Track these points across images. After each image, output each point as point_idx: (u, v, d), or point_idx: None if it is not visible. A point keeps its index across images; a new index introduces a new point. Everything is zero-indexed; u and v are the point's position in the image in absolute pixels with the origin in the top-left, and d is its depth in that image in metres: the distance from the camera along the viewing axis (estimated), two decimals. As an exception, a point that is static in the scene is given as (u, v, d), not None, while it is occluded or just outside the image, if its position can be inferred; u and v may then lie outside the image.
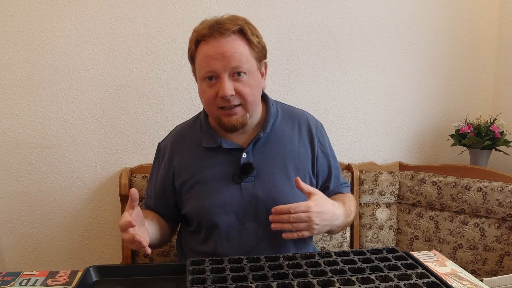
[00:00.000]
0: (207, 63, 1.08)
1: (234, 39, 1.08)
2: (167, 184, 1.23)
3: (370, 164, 1.91)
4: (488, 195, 1.68)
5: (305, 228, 1.02)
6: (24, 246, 1.79)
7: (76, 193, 1.79)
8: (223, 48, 1.07)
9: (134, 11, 1.71)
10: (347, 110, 1.94)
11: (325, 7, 1.84)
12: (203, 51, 1.09)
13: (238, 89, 1.09)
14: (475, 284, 1.03)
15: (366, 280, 0.89)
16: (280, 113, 1.25)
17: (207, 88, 1.11)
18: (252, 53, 1.11)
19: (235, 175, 1.16)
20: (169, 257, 1.68)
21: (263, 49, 1.15)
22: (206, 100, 1.12)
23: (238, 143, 1.19)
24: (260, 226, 1.16)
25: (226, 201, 1.15)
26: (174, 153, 1.23)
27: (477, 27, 1.96)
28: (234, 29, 1.09)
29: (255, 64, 1.13)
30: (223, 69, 1.07)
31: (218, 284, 0.88)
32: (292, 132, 1.24)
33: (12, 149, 1.72)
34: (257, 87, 1.14)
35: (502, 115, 1.91)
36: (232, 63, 1.07)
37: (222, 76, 1.08)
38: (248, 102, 1.11)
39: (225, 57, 1.06)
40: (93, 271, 1.03)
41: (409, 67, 1.95)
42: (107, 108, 1.75)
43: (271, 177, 1.17)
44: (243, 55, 1.08)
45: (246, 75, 1.10)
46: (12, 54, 1.66)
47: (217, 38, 1.07)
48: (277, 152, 1.20)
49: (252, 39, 1.11)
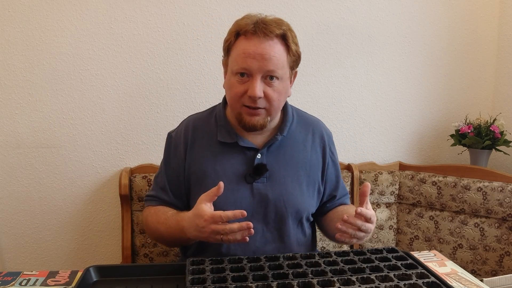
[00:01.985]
0: (244, 60, 1.07)
1: (276, 43, 1.08)
2: (180, 175, 1.21)
3: (370, 164, 1.91)
4: (488, 195, 1.68)
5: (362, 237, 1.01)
6: (24, 246, 1.79)
7: (76, 193, 1.79)
8: (264, 50, 1.06)
9: (134, 11, 1.71)
10: (347, 110, 1.94)
11: (325, 7, 1.84)
12: (243, 46, 1.08)
13: (267, 93, 1.09)
14: (475, 284, 1.03)
15: (366, 280, 0.89)
16: (296, 118, 1.25)
17: (236, 84, 1.10)
18: (289, 61, 1.12)
19: (248, 174, 1.16)
20: (169, 257, 1.68)
21: (298, 58, 1.16)
22: (233, 95, 1.11)
23: (254, 143, 1.18)
24: (268, 228, 1.16)
25: (236, 200, 1.15)
26: (187, 143, 1.21)
27: (477, 27, 1.96)
28: (278, 33, 1.08)
29: (288, 72, 1.13)
30: (258, 70, 1.07)
31: (218, 284, 0.88)
32: (306, 139, 1.24)
33: (12, 149, 1.72)
34: (284, 94, 1.14)
35: (502, 115, 1.91)
36: (268, 67, 1.07)
37: (255, 76, 1.08)
38: (273, 108, 1.12)
39: (263, 59, 1.06)
40: (93, 271, 1.02)
41: (409, 67, 1.95)
42: (107, 108, 1.75)
43: (283, 181, 1.17)
44: (280, 61, 1.09)
45: (278, 81, 1.10)
46: (12, 54, 1.66)
47: (260, 38, 1.07)
48: (291, 157, 1.20)
49: (291, 46, 1.11)
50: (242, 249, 1.15)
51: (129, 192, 1.67)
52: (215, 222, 0.96)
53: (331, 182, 1.28)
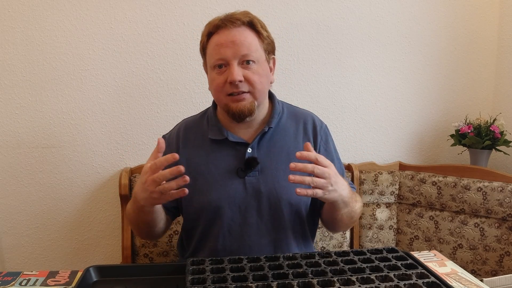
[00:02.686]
0: (218, 51, 1.11)
1: (244, 30, 1.13)
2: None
3: (370, 164, 1.91)
4: (488, 195, 1.68)
5: (322, 185, 0.99)
6: (24, 246, 1.79)
7: (76, 193, 1.79)
8: (234, 37, 1.11)
9: (134, 11, 1.71)
10: (347, 110, 1.94)
11: (325, 7, 1.84)
12: (214, 41, 1.13)
13: (247, 76, 1.11)
14: (475, 284, 1.03)
15: (366, 280, 0.89)
16: (286, 112, 1.26)
17: (216, 76, 1.13)
18: (261, 45, 1.15)
19: (239, 169, 1.17)
20: (169, 257, 1.68)
21: (271, 43, 1.20)
22: (215, 87, 1.14)
23: (244, 138, 1.20)
24: (262, 221, 1.17)
25: (230, 195, 1.16)
26: (179, 144, 1.23)
27: (477, 27, 1.96)
28: (245, 20, 1.13)
29: (264, 55, 1.16)
30: (232, 56, 1.10)
31: (218, 284, 0.88)
32: (297, 130, 1.24)
33: (12, 149, 1.72)
34: (265, 77, 1.16)
35: (502, 115, 1.91)
36: (241, 51, 1.10)
37: (231, 63, 1.11)
38: (257, 90, 1.13)
39: (235, 45, 1.10)
40: (93, 271, 1.02)
41: (409, 67, 1.95)
42: (107, 108, 1.75)
43: (275, 173, 1.18)
44: (252, 44, 1.12)
45: (255, 63, 1.13)
46: (12, 54, 1.66)
47: (228, 27, 1.11)
48: (282, 149, 1.20)
49: (261, 31, 1.15)
50: (238, 243, 1.16)
51: (129, 192, 1.67)
52: (154, 172, 0.96)
53: None
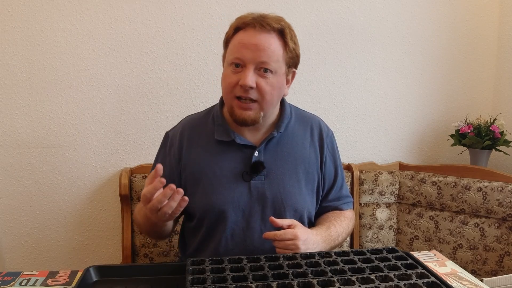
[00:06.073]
0: (238, 50, 1.08)
1: (272, 37, 1.09)
2: (174, 174, 1.20)
3: (370, 164, 1.91)
4: (488, 195, 1.68)
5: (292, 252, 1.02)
6: (24, 246, 1.79)
7: (76, 193, 1.79)
8: (259, 41, 1.07)
9: (134, 11, 1.71)
10: (347, 110, 1.94)
11: (325, 7, 1.84)
12: (239, 38, 1.09)
13: (259, 84, 1.08)
14: (475, 284, 1.03)
15: (366, 280, 0.89)
16: (294, 116, 1.25)
17: (230, 74, 1.10)
18: (285, 57, 1.11)
19: (245, 172, 1.16)
20: (169, 257, 1.68)
21: (296, 57, 1.15)
22: (226, 85, 1.11)
23: (251, 141, 1.18)
24: (265, 226, 1.15)
25: (234, 198, 1.14)
26: (183, 143, 1.21)
27: (477, 27, 1.96)
28: (276, 27, 1.09)
29: (284, 68, 1.12)
30: (251, 60, 1.07)
31: (218, 284, 0.88)
32: (304, 136, 1.24)
33: (12, 149, 1.72)
34: (278, 90, 1.13)
35: (502, 115, 1.91)
36: (261, 57, 1.07)
37: (248, 66, 1.07)
38: (265, 101, 1.10)
39: (257, 49, 1.07)
40: (93, 271, 1.02)
41: (409, 67, 1.95)
42: (107, 108, 1.75)
43: (281, 178, 1.17)
44: (274, 54, 1.08)
45: (272, 74, 1.10)
46: (12, 54, 1.66)
47: (256, 29, 1.08)
48: (289, 154, 1.20)
49: (289, 43, 1.11)
50: (240, 248, 1.15)
51: (129, 192, 1.67)
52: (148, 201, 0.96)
53: (329, 180, 1.27)
